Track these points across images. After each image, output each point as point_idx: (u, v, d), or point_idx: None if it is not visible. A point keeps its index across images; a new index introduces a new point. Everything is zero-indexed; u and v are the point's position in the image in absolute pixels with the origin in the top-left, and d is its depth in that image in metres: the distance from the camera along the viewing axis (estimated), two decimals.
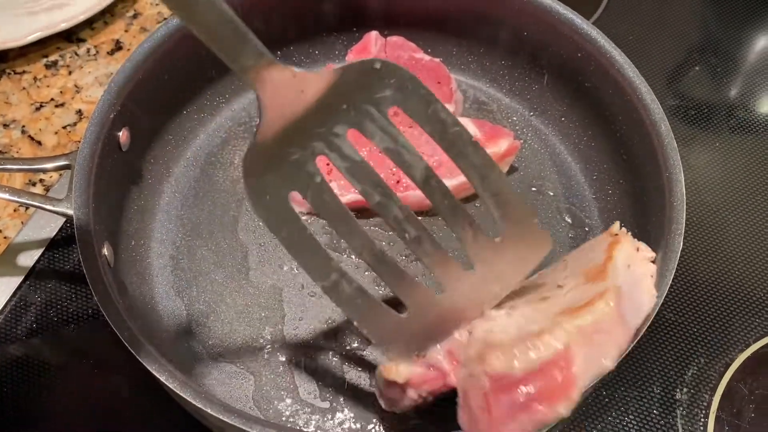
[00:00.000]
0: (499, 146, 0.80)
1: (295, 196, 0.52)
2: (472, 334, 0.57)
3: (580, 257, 0.64)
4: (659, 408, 0.71)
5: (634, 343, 0.56)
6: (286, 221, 0.53)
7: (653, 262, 0.61)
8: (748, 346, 0.76)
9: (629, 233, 0.61)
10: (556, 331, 0.51)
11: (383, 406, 0.62)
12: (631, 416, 0.71)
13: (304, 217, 0.78)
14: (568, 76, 0.84)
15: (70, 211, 0.63)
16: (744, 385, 0.73)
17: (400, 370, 0.57)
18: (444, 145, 0.56)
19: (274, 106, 0.50)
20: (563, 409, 0.49)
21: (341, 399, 0.68)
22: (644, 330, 0.57)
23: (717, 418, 0.71)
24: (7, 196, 0.64)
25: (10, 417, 0.68)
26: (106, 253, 0.64)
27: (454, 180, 0.77)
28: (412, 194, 0.77)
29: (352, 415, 0.67)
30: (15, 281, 0.76)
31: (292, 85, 0.50)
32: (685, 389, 0.73)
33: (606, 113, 0.81)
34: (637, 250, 0.61)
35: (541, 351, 0.50)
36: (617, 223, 0.63)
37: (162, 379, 0.53)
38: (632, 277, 0.58)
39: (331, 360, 0.70)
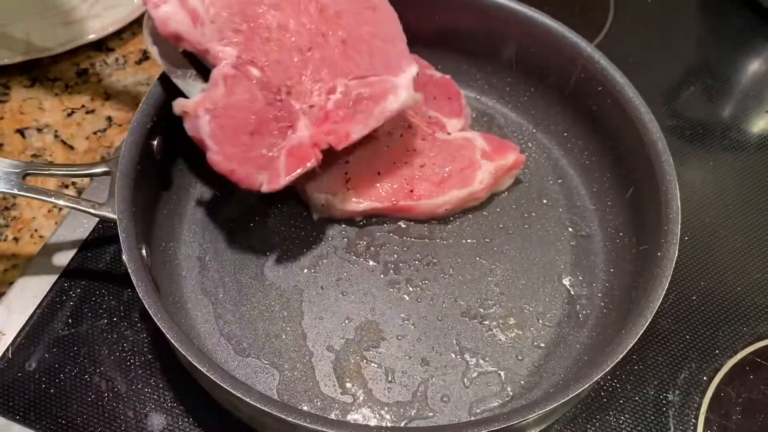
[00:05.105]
0: (506, 159, 0.85)
1: None
2: None
3: None
4: (653, 409, 0.76)
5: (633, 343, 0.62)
6: None
7: None
8: (736, 352, 0.80)
9: None
10: None
11: None
12: (626, 416, 0.75)
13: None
14: (572, 94, 0.89)
15: (113, 215, 0.67)
16: (732, 389, 0.78)
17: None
18: None
19: None
20: None
21: (360, 393, 0.72)
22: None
23: (706, 420, 0.75)
24: (61, 201, 0.69)
25: (46, 409, 0.73)
26: (145, 254, 0.69)
27: (464, 190, 0.82)
28: (424, 203, 0.82)
29: (370, 408, 0.72)
30: (51, 279, 0.80)
31: None
32: (677, 392, 0.77)
33: (607, 130, 0.85)
34: None
35: None
36: None
37: (204, 370, 0.57)
38: None
39: (350, 357, 0.74)
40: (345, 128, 0.73)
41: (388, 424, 0.71)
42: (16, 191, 0.68)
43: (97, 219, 0.81)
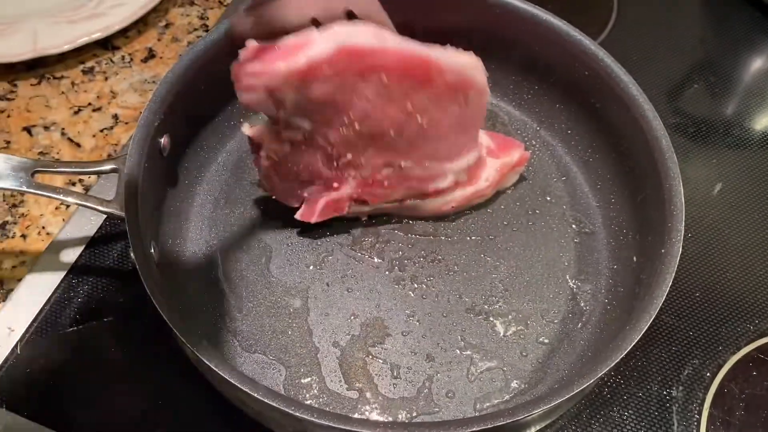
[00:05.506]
0: (511, 156, 0.85)
1: None
2: None
3: None
4: (656, 405, 0.76)
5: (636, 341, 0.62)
6: None
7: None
8: (739, 349, 0.80)
9: None
10: None
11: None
12: (630, 411, 0.76)
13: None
14: (575, 92, 0.89)
15: (120, 212, 0.67)
16: (735, 385, 0.78)
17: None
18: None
19: None
20: None
21: (366, 389, 0.73)
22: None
23: (709, 415, 0.76)
24: (70, 199, 0.70)
25: (54, 405, 0.73)
26: (153, 252, 0.70)
27: (470, 188, 0.83)
28: (431, 202, 0.82)
29: (375, 404, 0.72)
30: (58, 276, 0.80)
31: None
32: (680, 388, 0.78)
33: (611, 127, 0.86)
34: None
35: None
36: None
37: (211, 365, 0.58)
38: None
39: (356, 353, 0.75)
40: (384, 193, 0.78)
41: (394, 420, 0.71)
42: (26, 188, 0.69)
43: (105, 216, 0.81)
